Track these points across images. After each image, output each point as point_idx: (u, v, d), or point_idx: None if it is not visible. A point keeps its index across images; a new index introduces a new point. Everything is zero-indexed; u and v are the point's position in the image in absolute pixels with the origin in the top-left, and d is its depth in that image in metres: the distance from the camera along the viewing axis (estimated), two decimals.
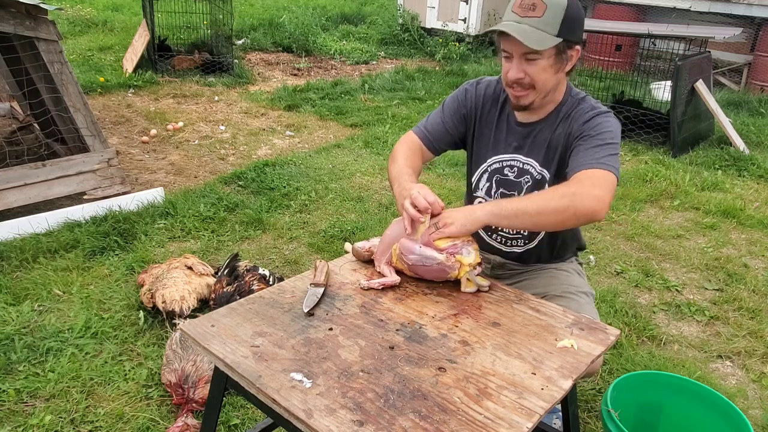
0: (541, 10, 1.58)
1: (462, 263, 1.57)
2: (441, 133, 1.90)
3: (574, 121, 1.72)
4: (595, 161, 1.59)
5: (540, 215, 1.52)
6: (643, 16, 8.03)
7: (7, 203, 3.33)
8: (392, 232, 1.66)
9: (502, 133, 1.83)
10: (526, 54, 1.62)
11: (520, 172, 1.82)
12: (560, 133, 1.75)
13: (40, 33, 3.31)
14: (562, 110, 1.76)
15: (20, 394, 2.19)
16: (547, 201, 1.52)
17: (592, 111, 1.71)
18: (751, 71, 7.29)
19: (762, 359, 2.60)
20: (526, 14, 1.59)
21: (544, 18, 1.58)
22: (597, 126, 1.66)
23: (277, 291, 1.59)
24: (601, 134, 1.64)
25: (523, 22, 1.59)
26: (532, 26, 1.58)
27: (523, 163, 1.81)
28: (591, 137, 1.64)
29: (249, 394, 1.27)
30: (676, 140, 5.03)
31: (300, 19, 8.93)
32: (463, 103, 1.88)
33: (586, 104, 1.74)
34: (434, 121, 1.91)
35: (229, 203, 3.78)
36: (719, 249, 3.55)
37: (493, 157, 1.85)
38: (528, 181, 1.81)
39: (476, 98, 1.86)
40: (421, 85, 6.97)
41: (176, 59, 6.89)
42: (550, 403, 1.20)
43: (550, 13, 1.58)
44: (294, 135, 5.34)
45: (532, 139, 1.79)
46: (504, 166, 1.84)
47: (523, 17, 1.59)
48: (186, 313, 2.53)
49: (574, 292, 1.86)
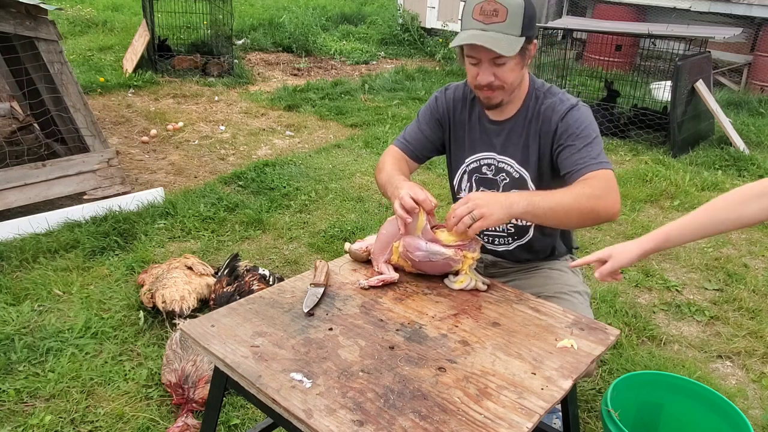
0: (503, 14, 1.59)
1: (467, 257, 1.61)
2: (420, 140, 1.95)
3: (546, 119, 1.75)
4: (595, 162, 1.64)
5: (568, 215, 1.58)
6: (643, 16, 8.04)
7: (7, 203, 3.33)
8: (388, 231, 1.66)
9: (476, 133, 1.87)
10: (494, 59, 1.64)
11: (496, 170, 1.86)
12: (534, 132, 1.78)
13: (40, 33, 3.31)
14: (530, 105, 1.79)
15: (20, 394, 2.19)
16: (575, 202, 1.57)
17: (563, 105, 1.73)
18: (751, 71, 7.29)
19: (762, 359, 2.60)
20: (490, 21, 1.60)
21: (508, 21, 1.60)
22: (576, 122, 1.70)
23: (277, 291, 1.59)
24: (584, 131, 1.69)
25: (489, 29, 1.60)
26: (498, 32, 1.60)
27: (498, 161, 1.84)
28: (577, 136, 1.68)
29: (249, 394, 1.27)
30: (676, 140, 5.03)
31: (300, 19, 8.93)
32: (435, 109, 1.93)
33: (554, 98, 1.76)
34: (412, 131, 1.96)
35: (229, 203, 3.78)
36: (719, 249, 3.55)
37: (470, 157, 1.89)
38: (504, 179, 1.84)
39: (446, 103, 1.91)
40: (421, 85, 6.97)
41: (176, 59, 6.89)
42: (550, 403, 1.20)
43: (512, 16, 1.60)
44: (294, 135, 5.34)
45: (504, 137, 1.82)
46: (481, 164, 1.88)
47: (489, 24, 1.60)
48: (186, 313, 2.53)
49: (567, 291, 1.87)
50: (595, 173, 1.63)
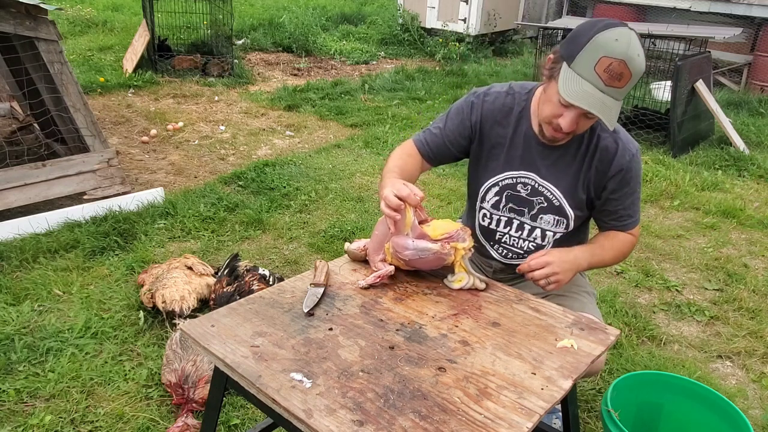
0: (626, 81, 1.47)
1: (457, 248, 1.60)
2: (441, 147, 1.85)
3: (604, 159, 1.71)
4: (634, 222, 1.83)
5: (608, 265, 1.93)
6: (643, 16, 8.04)
7: (7, 203, 3.33)
8: (380, 231, 1.66)
9: (517, 150, 1.77)
10: (588, 114, 1.53)
11: (533, 191, 1.78)
12: (587, 166, 1.72)
13: (40, 33, 3.31)
14: (585, 136, 1.71)
15: (20, 394, 2.19)
16: (617, 255, 1.83)
17: (626, 153, 1.71)
18: (751, 71, 7.29)
19: (762, 359, 2.60)
20: (611, 84, 1.47)
21: (625, 88, 1.50)
22: (635, 177, 1.75)
23: (277, 291, 1.59)
24: (637, 185, 1.79)
25: (607, 91, 1.48)
26: (613, 98, 1.49)
27: (538, 184, 1.77)
28: (630, 192, 1.77)
29: (249, 394, 1.27)
30: (676, 140, 5.03)
31: (300, 19, 8.93)
32: (468, 116, 1.81)
33: (619, 143, 1.70)
34: (435, 134, 1.86)
35: (229, 203, 3.78)
36: (719, 249, 3.55)
37: (507, 173, 1.80)
38: (542, 202, 1.78)
39: (483, 113, 1.79)
40: (421, 85, 6.97)
41: (176, 59, 6.89)
42: (550, 403, 1.20)
43: (631, 84, 1.50)
44: (294, 135, 5.34)
45: (552, 161, 1.75)
46: (517, 182, 1.80)
47: (608, 87, 1.47)
48: (186, 313, 2.53)
49: (576, 291, 1.88)
50: (634, 231, 1.83)
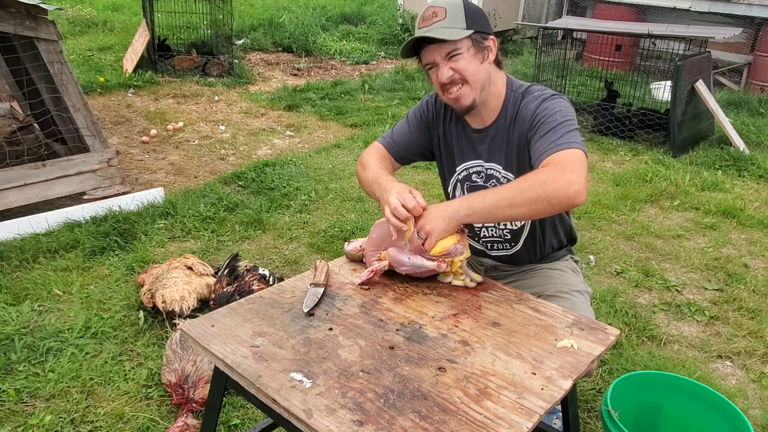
0: (442, 13, 1.65)
1: (454, 262, 1.59)
2: (407, 143, 1.94)
3: (522, 118, 1.73)
4: (554, 145, 1.57)
5: (513, 207, 1.51)
6: (643, 16, 8.03)
7: (7, 203, 3.33)
8: (377, 235, 1.67)
9: (462, 142, 1.87)
10: (447, 54, 1.67)
11: (486, 177, 1.86)
12: (515, 134, 1.77)
13: (40, 33, 3.31)
14: (509, 108, 1.78)
15: (20, 394, 2.19)
16: (517, 193, 1.51)
17: (537, 100, 1.72)
18: (751, 71, 7.29)
19: (762, 359, 2.60)
20: (431, 22, 1.65)
21: (448, 18, 1.65)
22: (544, 111, 1.66)
23: (277, 291, 1.59)
24: (550, 117, 1.64)
25: (432, 28, 1.65)
26: (440, 27, 1.64)
27: (486, 168, 1.85)
28: (542, 123, 1.64)
29: (249, 394, 1.27)
30: (676, 140, 5.03)
31: (300, 19, 8.93)
32: (425, 114, 1.93)
33: (530, 96, 1.75)
34: (400, 132, 1.95)
35: (229, 203, 3.78)
36: (719, 249, 3.55)
37: (460, 166, 1.89)
38: (495, 184, 1.83)
39: (437, 110, 1.91)
40: (421, 85, 6.97)
41: (176, 59, 6.89)
42: (550, 403, 1.20)
43: (451, 13, 1.65)
44: (294, 135, 5.34)
45: (488, 144, 1.82)
46: (471, 172, 1.88)
47: (431, 25, 1.65)
48: (186, 313, 2.53)
49: (567, 291, 1.86)
50: (550, 157, 1.55)
